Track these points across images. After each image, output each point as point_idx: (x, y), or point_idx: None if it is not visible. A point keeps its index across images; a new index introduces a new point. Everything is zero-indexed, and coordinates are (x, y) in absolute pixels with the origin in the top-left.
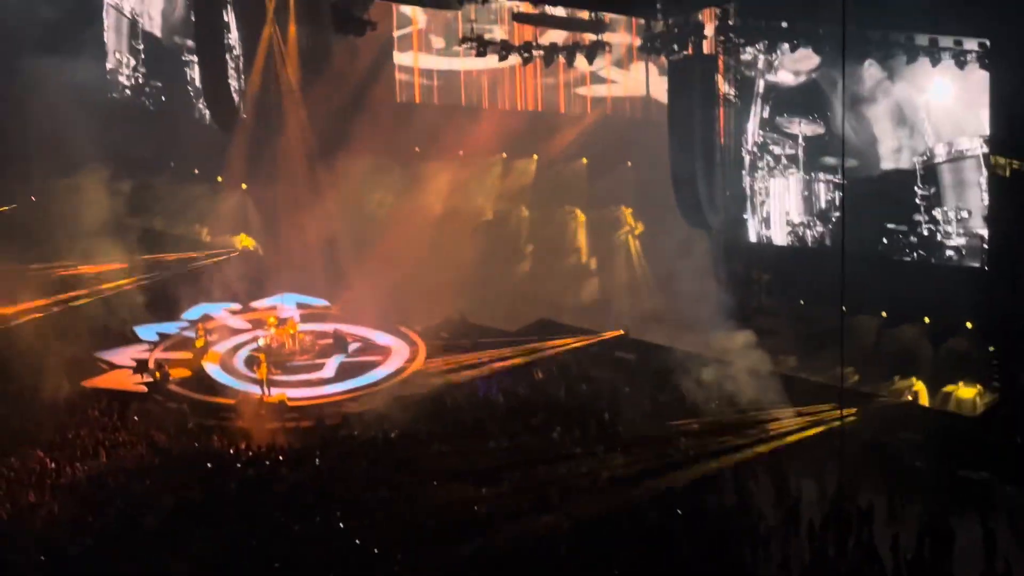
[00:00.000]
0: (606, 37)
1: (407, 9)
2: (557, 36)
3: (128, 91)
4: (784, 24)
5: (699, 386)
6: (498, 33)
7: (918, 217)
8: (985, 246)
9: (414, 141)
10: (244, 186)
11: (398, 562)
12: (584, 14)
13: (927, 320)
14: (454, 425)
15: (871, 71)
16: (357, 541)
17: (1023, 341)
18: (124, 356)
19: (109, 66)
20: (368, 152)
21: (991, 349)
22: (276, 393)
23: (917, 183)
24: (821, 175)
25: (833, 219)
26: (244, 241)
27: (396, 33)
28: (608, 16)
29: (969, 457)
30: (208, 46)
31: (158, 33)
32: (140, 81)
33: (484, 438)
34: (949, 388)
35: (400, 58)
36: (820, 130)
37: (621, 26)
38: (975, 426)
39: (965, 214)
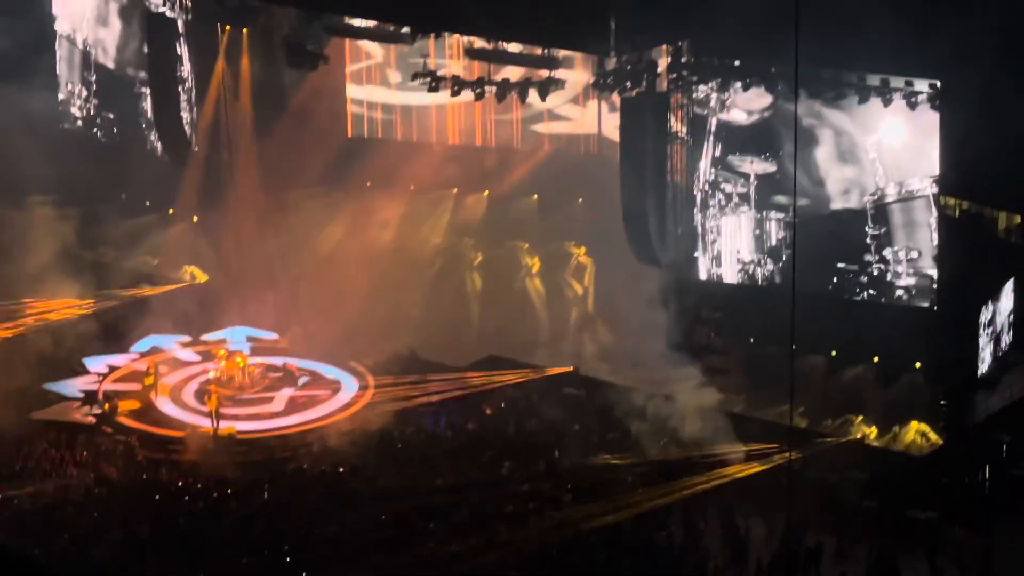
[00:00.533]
0: (560, 74)
1: (360, 44)
2: (511, 72)
3: (80, 122)
4: (737, 63)
5: (648, 423)
6: (452, 68)
7: (868, 257)
8: (935, 286)
9: (366, 175)
10: (195, 218)
11: None
12: (537, 50)
13: (876, 360)
14: (402, 460)
15: (823, 111)
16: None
17: (971, 382)
18: (73, 387)
19: (61, 96)
20: (319, 186)
21: (939, 389)
22: (225, 426)
23: (868, 223)
24: (772, 214)
25: (784, 258)
26: (194, 273)
27: (349, 68)
28: (561, 53)
29: (917, 497)
30: (160, 78)
31: (111, 64)
32: (92, 112)
33: (432, 473)
34: (898, 428)
35: (353, 92)
36: (772, 169)
37: (576, 63)
38: (923, 466)
39: (915, 254)
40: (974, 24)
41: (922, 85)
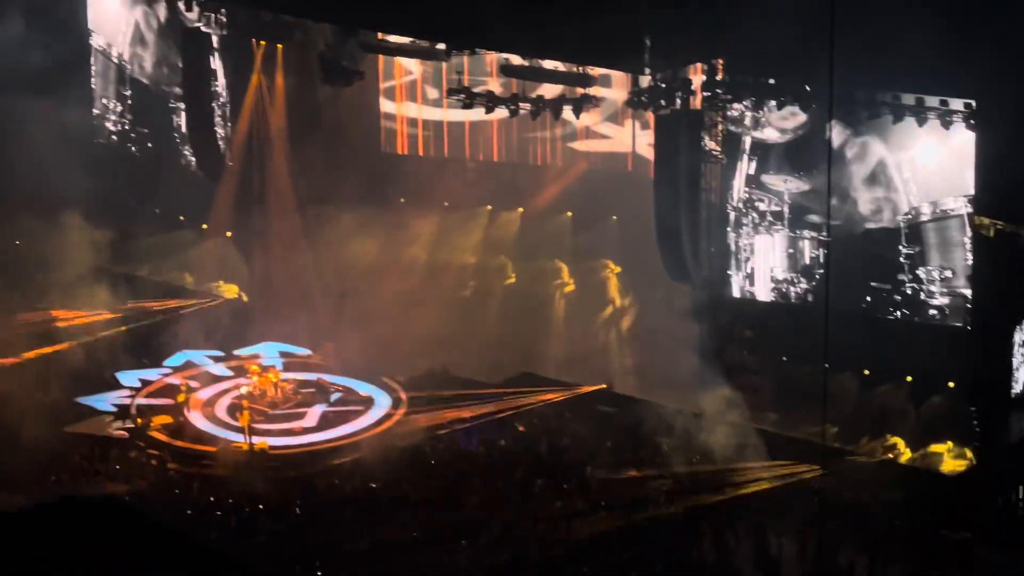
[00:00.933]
0: (595, 91)
1: (395, 60)
2: (545, 89)
3: (114, 136)
4: (771, 81)
5: (680, 441)
6: (486, 85)
7: (902, 276)
8: (968, 306)
9: (399, 192)
10: (229, 234)
11: None
12: (572, 68)
13: (909, 379)
14: (435, 476)
15: (857, 129)
16: None
17: (1004, 401)
18: (105, 402)
19: (96, 111)
20: (353, 202)
21: (972, 409)
22: (258, 441)
23: (902, 242)
24: (806, 232)
25: (817, 276)
26: (228, 289)
27: (383, 84)
28: (596, 71)
29: (950, 517)
30: (195, 93)
31: (145, 79)
32: (126, 127)
33: (465, 491)
34: (930, 447)
35: (387, 108)
36: (805, 187)
37: (610, 81)
38: (956, 486)
39: (949, 273)
40: (1010, 43)
41: (957, 104)
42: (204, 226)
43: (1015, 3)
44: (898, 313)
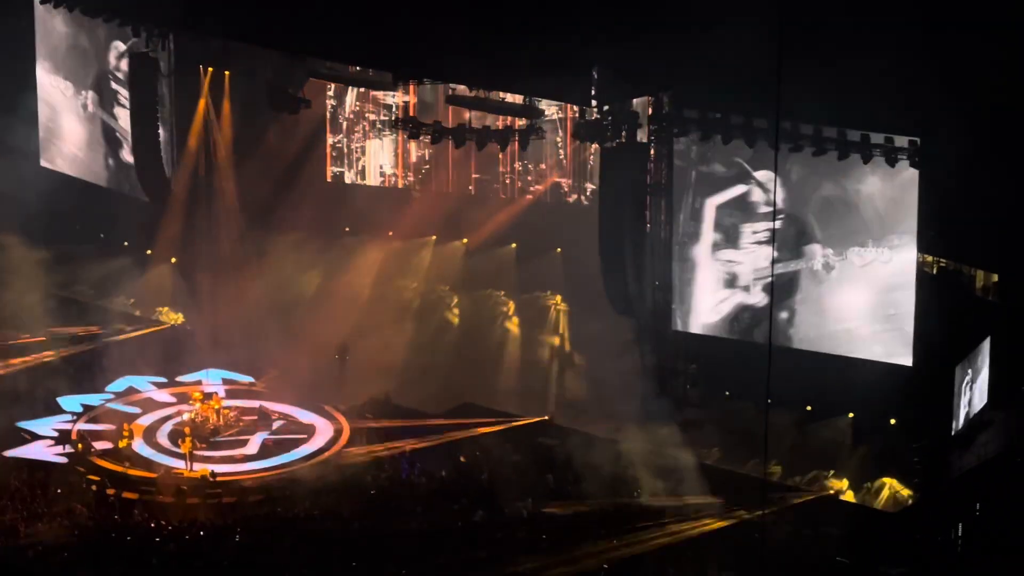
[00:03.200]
0: (541, 123)
1: (341, 88)
2: (491, 120)
3: (59, 160)
4: (718, 115)
5: (621, 474)
6: (433, 115)
7: (844, 311)
8: (911, 343)
9: (344, 220)
10: (174, 260)
11: None
12: (519, 99)
13: (851, 415)
14: (376, 505)
15: (803, 165)
16: None
17: (946, 439)
18: (46, 426)
19: (41, 135)
20: (298, 230)
21: (914, 446)
22: (199, 468)
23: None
24: (752, 266)
25: (762, 310)
26: (171, 315)
27: (330, 112)
28: (543, 102)
29: (890, 554)
30: (142, 118)
31: (92, 104)
32: (72, 150)
33: (406, 520)
34: (871, 484)
35: (333, 137)
36: (751, 222)
37: (557, 112)
38: (897, 523)
39: (892, 310)
40: (954, 81)
41: (902, 142)
42: (149, 252)
43: (959, 42)
44: (840, 350)
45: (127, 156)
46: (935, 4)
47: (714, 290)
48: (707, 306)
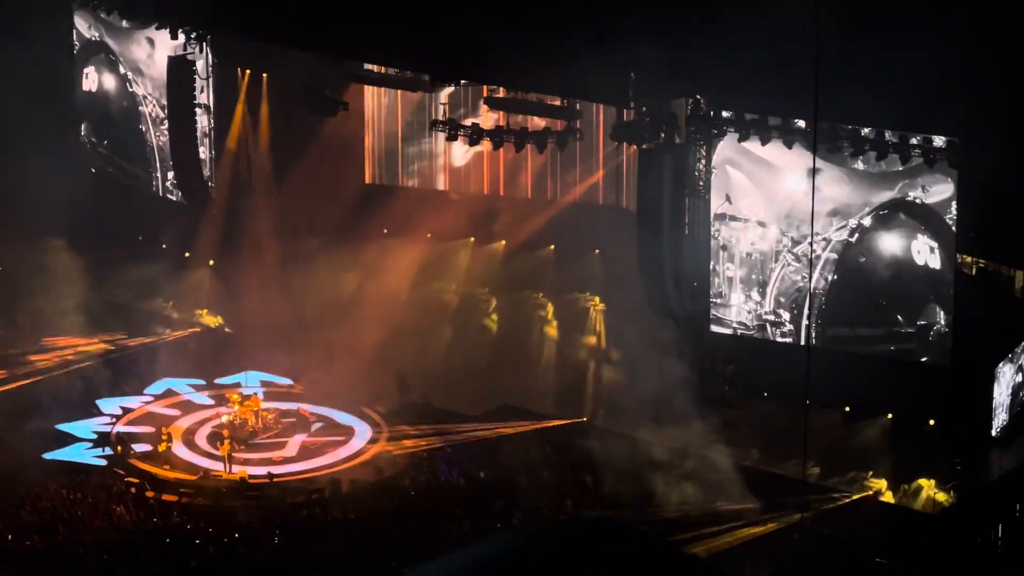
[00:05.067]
0: (579, 124)
1: (379, 91)
2: (530, 122)
3: (100, 164)
4: (755, 116)
5: (660, 476)
6: (471, 117)
7: (885, 313)
8: (951, 343)
9: (382, 223)
10: (212, 263)
11: None
12: (557, 101)
13: (890, 416)
14: (414, 507)
15: (841, 165)
16: None
17: (985, 440)
18: (85, 429)
19: (82, 138)
20: (336, 232)
21: (953, 447)
22: (238, 470)
23: (885, 279)
24: (789, 267)
25: (800, 311)
26: (210, 318)
27: (367, 114)
28: (580, 104)
29: (928, 555)
30: (180, 122)
31: (131, 108)
32: (112, 154)
33: (444, 522)
34: (910, 485)
35: (371, 139)
36: (789, 223)
37: (595, 114)
38: (936, 524)
39: (931, 311)
40: (994, 80)
41: (940, 142)
42: (187, 254)
43: (1000, 42)
44: (881, 350)
45: (166, 159)
46: (972, 4)
47: (753, 291)
48: (745, 307)
